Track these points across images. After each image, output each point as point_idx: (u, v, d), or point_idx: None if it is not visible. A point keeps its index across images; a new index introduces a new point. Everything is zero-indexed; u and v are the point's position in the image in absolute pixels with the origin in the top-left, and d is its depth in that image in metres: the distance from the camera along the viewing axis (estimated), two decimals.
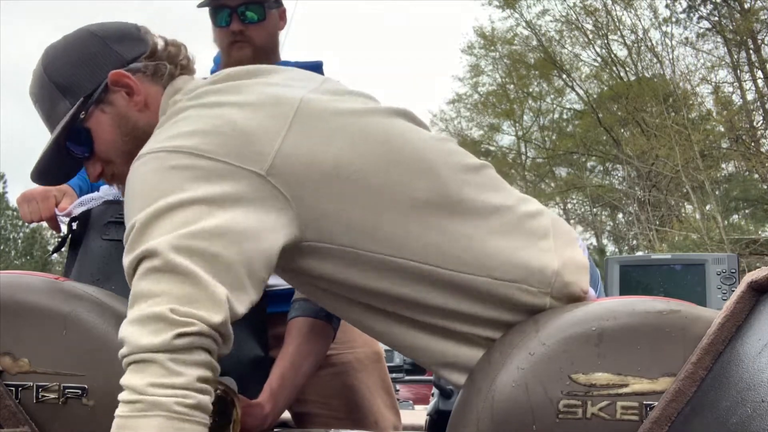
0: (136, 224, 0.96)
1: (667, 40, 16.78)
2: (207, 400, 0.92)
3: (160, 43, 1.18)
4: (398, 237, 1.05)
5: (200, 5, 1.74)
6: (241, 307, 0.96)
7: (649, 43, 17.52)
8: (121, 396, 0.90)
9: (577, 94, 19.34)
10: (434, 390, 2.36)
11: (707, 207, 15.10)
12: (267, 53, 1.73)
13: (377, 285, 1.07)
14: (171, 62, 1.17)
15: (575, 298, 1.12)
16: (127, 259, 0.96)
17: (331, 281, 1.08)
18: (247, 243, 0.97)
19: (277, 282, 1.69)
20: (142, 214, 0.96)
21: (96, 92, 1.13)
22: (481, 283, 1.07)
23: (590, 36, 18.36)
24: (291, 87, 1.09)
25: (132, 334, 0.91)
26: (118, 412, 0.90)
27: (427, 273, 1.06)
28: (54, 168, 1.20)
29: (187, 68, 1.19)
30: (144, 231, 0.96)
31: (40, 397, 1.08)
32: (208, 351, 0.93)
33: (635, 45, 17.85)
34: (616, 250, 19.23)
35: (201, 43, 1.81)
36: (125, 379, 0.90)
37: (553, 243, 1.13)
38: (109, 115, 1.14)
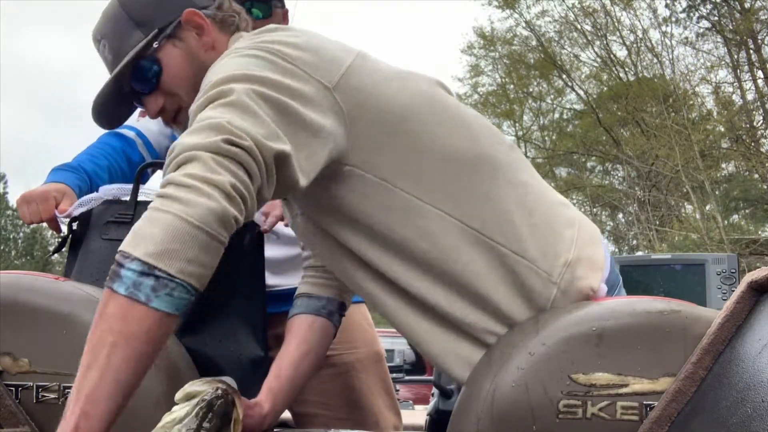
0: (212, 81, 1.00)
1: (667, 40, 16.78)
2: (231, 214, 0.88)
3: (226, 2, 1.26)
4: (432, 183, 1.09)
5: None
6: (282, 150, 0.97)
7: (648, 44, 17.52)
8: (157, 194, 0.89)
9: (577, 94, 19.35)
10: (434, 390, 2.36)
11: (707, 207, 15.09)
12: None
13: (400, 232, 1.09)
14: (237, 17, 1.26)
15: (583, 295, 1.12)
16: (195, 105, 0.99)
17: (357, 222, 1.10)
18: (306, 130, 1.01)
19: (277, 282, 1.70)
20: (220, 76, 1.00)
21: (169, 27, 1.20)
22: (498, 252, 1.10)
23: (589, 37, 18.35)
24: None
25: (182, 140, 0.92)
26: (150, 207, 0.89)
27: (449, 225, 1.09)
28: (111, 106, 1.26)
29: (246, 30, 1.26)
30: (219, 84, 0.99)
31: (40, 397, 1.08)
32: (249, 175, 0.92)
33: (634, 45, 17.85)
34: (616, 250, 19.23)
35: None
36: (164, 181, 0.90)
37: (577, 234, 1.16)
38: (180, 50, 1.21)
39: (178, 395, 0.97)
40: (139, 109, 1.84)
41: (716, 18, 16.01)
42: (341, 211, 1.11)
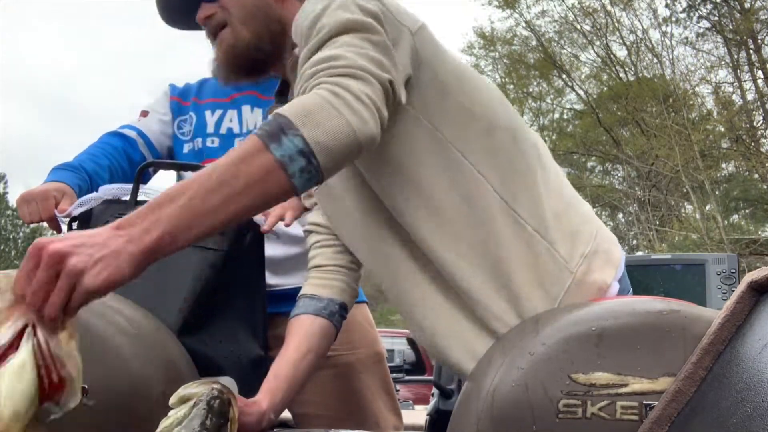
0: (333, 3, 1.05)
1: (667, 40, 16.77)
2: (376, 145, 0.98)
3: None
4: (477, 145, 1.12)
5: None
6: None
7: (648, 44, 17.52)
8: (328, 87, 0.94)
9: (577, 94, 19.34)
10: (434, 390, 2.36)
11: (707, 207, 15.09)
12: None
13: (437, 181, 1.11)
14: None
15: (596, 288, 1.13)
16: (331, 18, 1.03)
17: (399, 165, 1.12)
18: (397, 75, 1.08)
19: (278, 282, 1.70)
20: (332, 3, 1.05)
21: None
22: (522, 228, 1.11)
23: (589, 37, 18.34)
24: None
25: (347, 55, 0.98)
26: (319, 92, 0.94)
27: (484, 190, 1.11)
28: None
29: None
30: (350, 7, 1.04)
31: None
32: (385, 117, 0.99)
33: (634, 45, 17.85)
34: None
35: None
36: (334, 80, 0.95)
37: (596, 230, 1.18)
38: None
39: (172, 399, 0.97)
40: (140, 110, 1.86)
41: (716, 18, 16.01)
42: (388, 150, 1.12)
